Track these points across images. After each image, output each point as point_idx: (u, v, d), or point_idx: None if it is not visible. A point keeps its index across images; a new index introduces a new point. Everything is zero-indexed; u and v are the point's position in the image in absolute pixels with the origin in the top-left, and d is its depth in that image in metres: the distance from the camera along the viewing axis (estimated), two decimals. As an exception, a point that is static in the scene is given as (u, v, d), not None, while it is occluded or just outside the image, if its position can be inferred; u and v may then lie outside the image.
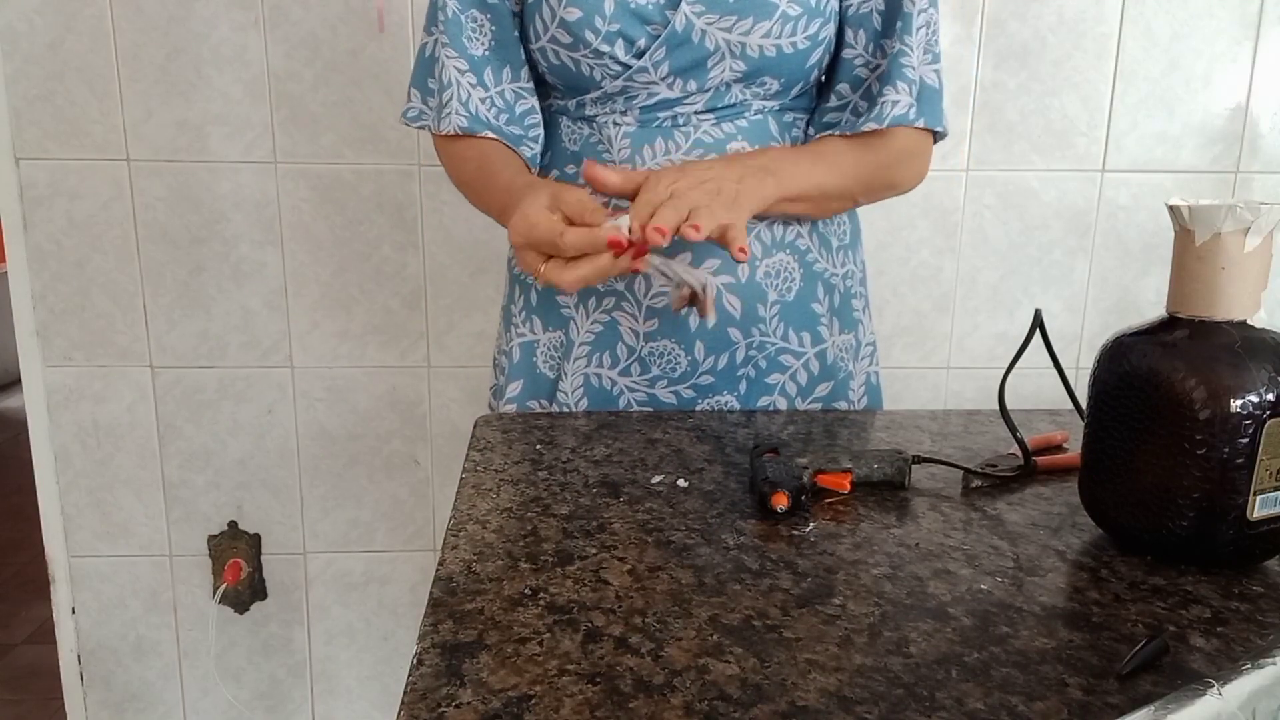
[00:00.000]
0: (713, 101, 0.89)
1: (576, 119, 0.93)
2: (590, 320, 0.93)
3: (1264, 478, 0.56)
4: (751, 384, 0.93)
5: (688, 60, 0.86)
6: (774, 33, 0.85)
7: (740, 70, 0.87)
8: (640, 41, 0.85)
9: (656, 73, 0.86)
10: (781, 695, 0.45)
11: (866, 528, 0.65)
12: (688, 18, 0.84)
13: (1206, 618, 0.53)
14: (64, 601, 1.66)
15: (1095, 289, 1.66)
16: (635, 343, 0.92)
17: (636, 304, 0.91)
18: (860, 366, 1.00)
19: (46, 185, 1.50)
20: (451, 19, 0.91)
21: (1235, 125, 1.60)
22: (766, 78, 0.88)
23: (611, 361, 0.93)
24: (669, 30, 0.84)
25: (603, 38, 0.85)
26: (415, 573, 1.70)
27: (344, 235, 1.55)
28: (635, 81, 0.87)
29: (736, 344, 0.92)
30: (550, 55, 0.89)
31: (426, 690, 0.46)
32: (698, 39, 0.85)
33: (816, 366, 0.95)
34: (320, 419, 1.63)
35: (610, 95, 0.89)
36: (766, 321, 0.92)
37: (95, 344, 1.56)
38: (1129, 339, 0.60)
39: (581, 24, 0.85)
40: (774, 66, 0.87)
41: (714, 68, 0.87)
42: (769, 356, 0.93)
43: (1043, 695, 0.46)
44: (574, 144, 0.93)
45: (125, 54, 1.46)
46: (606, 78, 0.87)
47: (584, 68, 0.87)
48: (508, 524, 0.65)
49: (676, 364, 0.92)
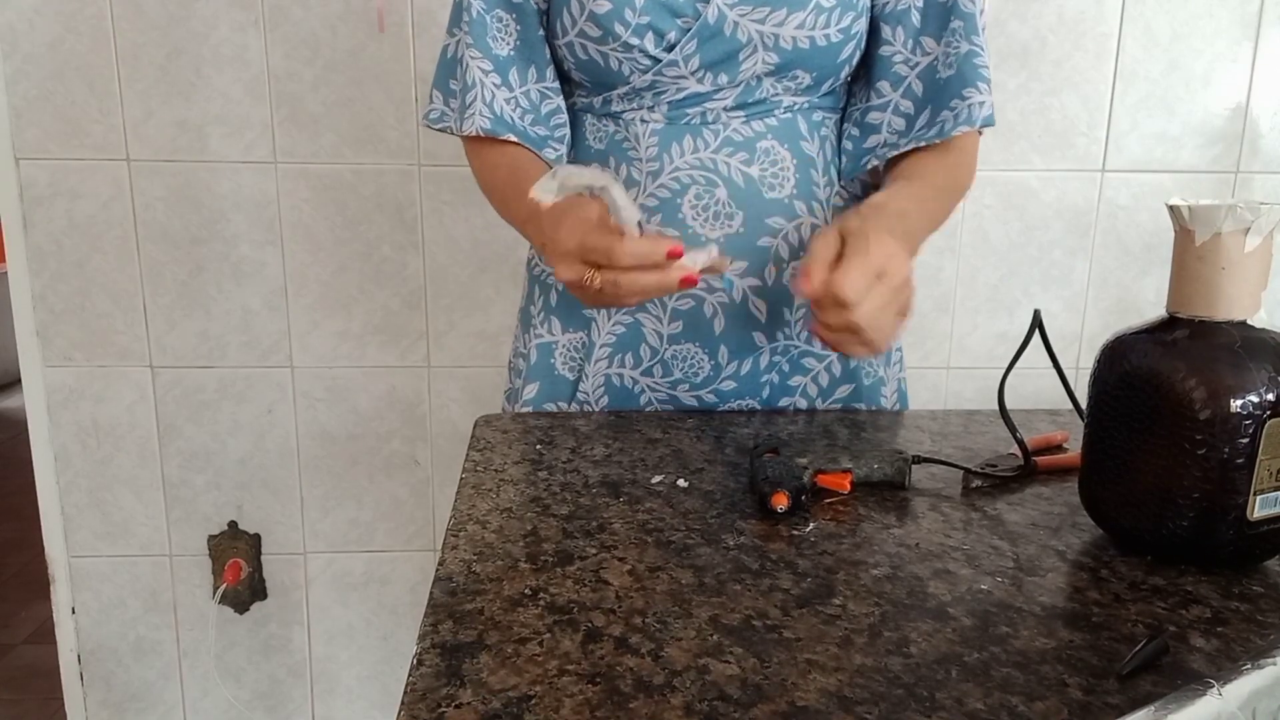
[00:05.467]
0: (743, 97, 0.87)
1: (602, 116, 0.91)
2: (612, 321, 0.92)
3: (1264, 478, 0.56)
4: (774, 389, 0.93)
5: (719, 53, 0.84)
6: (807, 24, 0.83)
7: (772, 63, 0.85)
8: (670, 34, 0.84)
9: (686, 66, 0.85)
10: (781, 695, 0.45)
11: (866, 528, 0.65)
12: (720, 9, 0.82)
13: (1207, 618, 0.53)
14: (64, 601, 1.66)
15: (1095, 289, 1.66)
16: (658, 344, 0.91)
17: (661, 306, 0.90)
18: (891, 373, 0.99)
19: (46, 185, 1.50)
20: (476, 19, 0.90)
21: (1235, 125, 1.60)
22: (798, 71, 0.86)
23: (634, 362, 0.92)
24: (700, 22, 0.83)
25: (632, 30, 0.83)
26: (415, 573, 1.70)
27: (344, 235, 1.55)
28: (664, 76, 0.86)
29: (761, 349, 0.91)
30: (578, 50, 0.87)
31: (426, 690, 0.46)
32: (730, 31, 0.83)
33: (838, 369, 0.94)
34: (320, 419, 1.63)
35: (638, 91, 0.87)
36: (792, 325, 0.91)
37: (95, 344, 1.56)
38: (1129, 339, 0.60)
39: (611, 17, 0.83)
40: (806, 59, 0.86)
41: (745, 60, 0.85)
42: (792, 360, 0.92)
43: (1043, 695, 0.46)
44: (599, 143, 0.92)
45: (125, 54, 1.46)
46: (635, 72, 0.86)
47: (612, 62, 0.86)
48: (508, 524, 0.65)
49: (699, 368, 0.91)
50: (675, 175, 0.88)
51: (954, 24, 0.87)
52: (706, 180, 0.87)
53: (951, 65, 0.87)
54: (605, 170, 0.68)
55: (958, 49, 0.87)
